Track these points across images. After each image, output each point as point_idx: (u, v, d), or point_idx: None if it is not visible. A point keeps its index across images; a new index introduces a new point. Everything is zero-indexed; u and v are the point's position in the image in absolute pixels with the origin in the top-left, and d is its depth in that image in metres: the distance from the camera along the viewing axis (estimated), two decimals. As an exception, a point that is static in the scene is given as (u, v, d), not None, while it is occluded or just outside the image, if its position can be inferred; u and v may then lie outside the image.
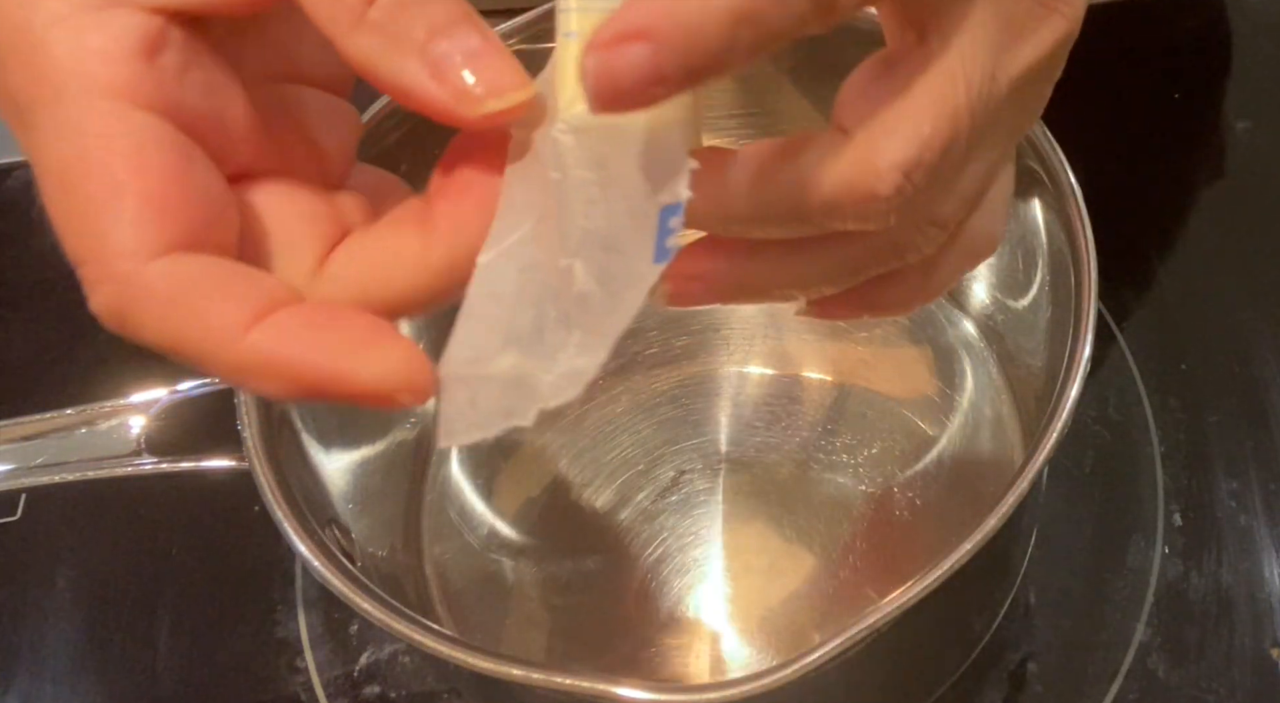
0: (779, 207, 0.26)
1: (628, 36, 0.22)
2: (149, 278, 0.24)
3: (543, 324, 0.25)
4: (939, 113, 0.25)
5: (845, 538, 0.48)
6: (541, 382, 0.25)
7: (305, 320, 0.24)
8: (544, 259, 0.25)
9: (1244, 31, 0.63)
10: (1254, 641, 0.47)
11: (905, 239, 0.28)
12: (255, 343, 0.24)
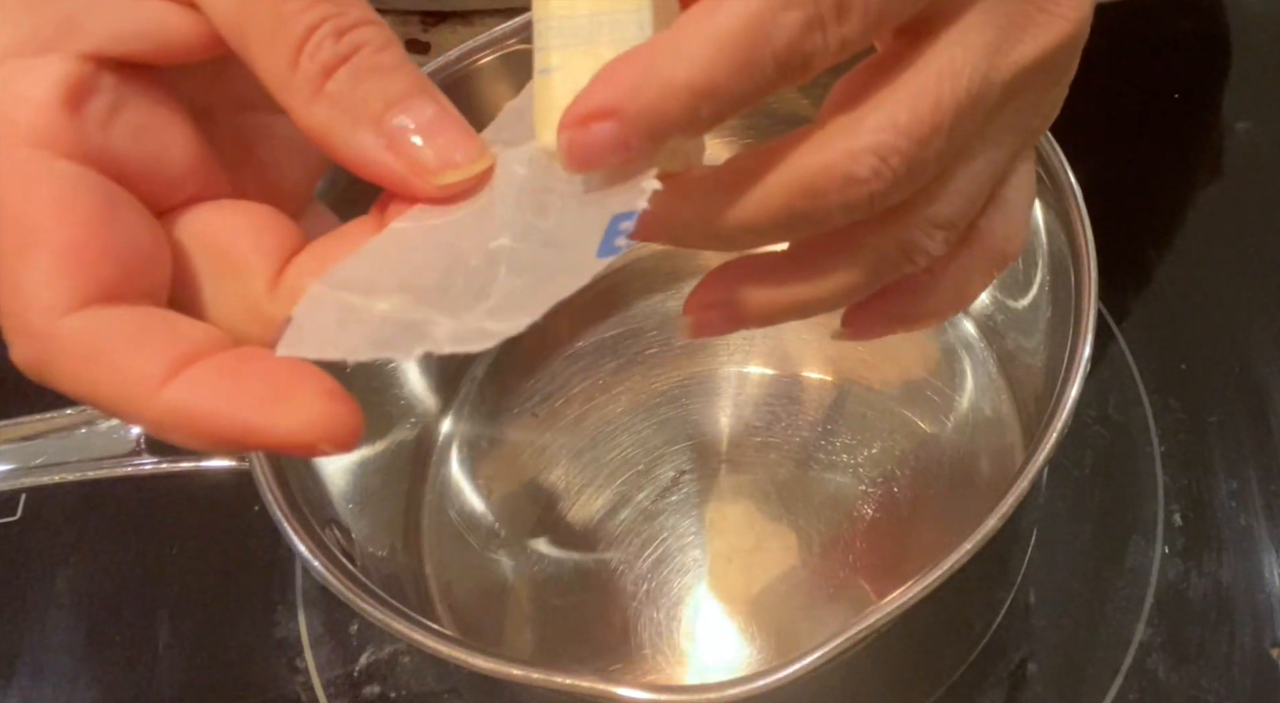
0: (766, 203, 0.26)
1: (595, 116, 0.23)
2: (63, 334, 0.24)
3: (448, 285, 0.25)
4: (917, 104, 0.25)
5: (845, 538, 0.48)
6: (437, 327, 0.25)
7: (222, 372, 0.24)
8: (463, 242, 0.26)
9: (1244, 31, 0.63)
10: (1254, 641, 0.46)
11: (910, 241, 0.28)
12: (169, 399, 0.24)
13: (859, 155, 0.25)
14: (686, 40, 0.23)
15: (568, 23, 0.25)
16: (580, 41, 0.25)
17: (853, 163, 0.25)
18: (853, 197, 0.25)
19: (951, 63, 0.25)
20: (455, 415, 0.54)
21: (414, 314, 0.25)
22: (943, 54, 0.25)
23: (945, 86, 0.25)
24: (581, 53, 0.25)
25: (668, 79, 0.23)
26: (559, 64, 0.25)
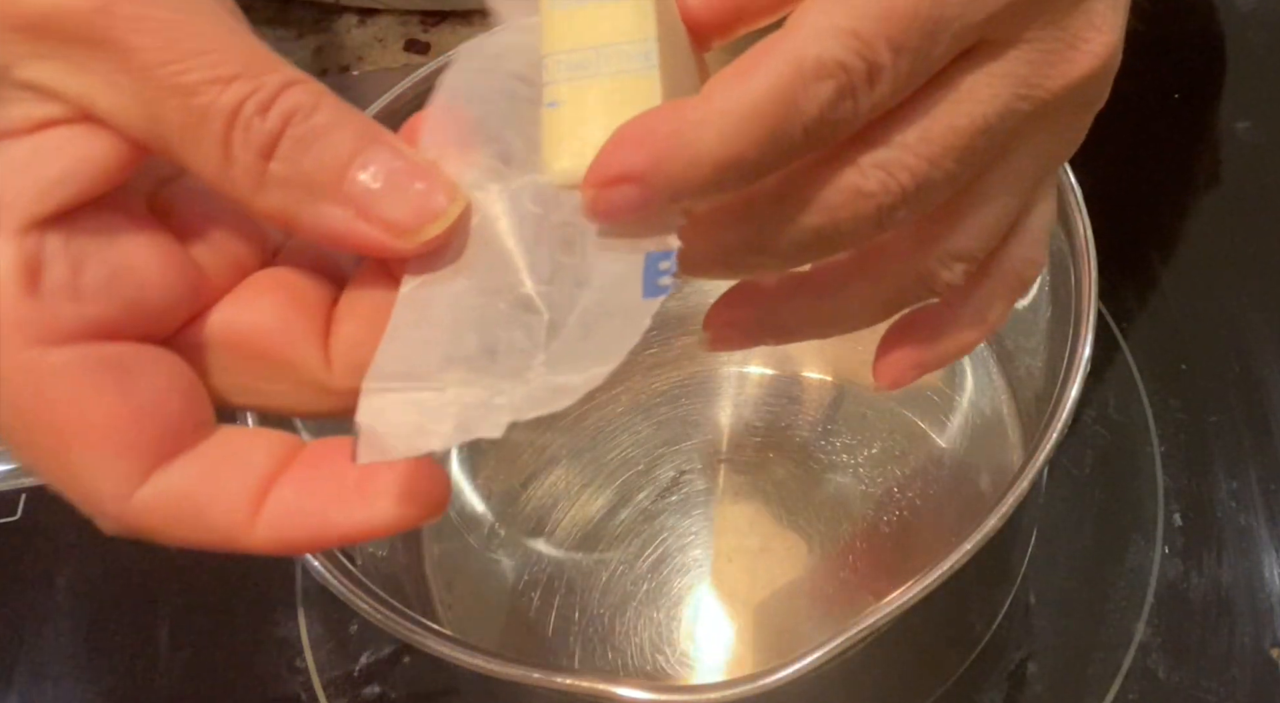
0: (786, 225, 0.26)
1: (620, 180, 0.23)
2: (141, 510, 0.24)
3: (492, 345, 0.25)
4: (930, 125, 0.25)
5: (845, 538, 0.48)
6: (510, 395, 0.25)
7: (302, 488, 0.25)
8: (487, 295, 0.25)
9: (1244, 32, 0.63)
10: (1254, 641, 0.47)
11: (929, 271, 0.28)
12: (264, 535, 0.25)
13: (866, 169, 0.25)
14: (715, 111, 0.23)
15: (575, 56, 0.25)
16: (587, 74, 0.25)
17: (859, 176, 0.25)
18: (861, 210, 0.25)
19: (972, 92, 0.25)
20: (455, 415, 0.54)
21: (478, 389, 0.25)
22: (966, 82, 0.25)
23: (962, 112, 0.25)
24: (589, 86, 0.25)
25: (695, 152, 0.23)
26: (567, 97, 0.25)
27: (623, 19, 0.25)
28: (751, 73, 0.23)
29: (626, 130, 0.23)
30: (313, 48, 0.61)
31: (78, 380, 0.23)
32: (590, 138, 0.24)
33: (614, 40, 0.25)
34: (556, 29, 0.25)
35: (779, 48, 0.23)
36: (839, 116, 0.24)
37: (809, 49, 0.23)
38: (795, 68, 0.23)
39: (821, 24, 0.23)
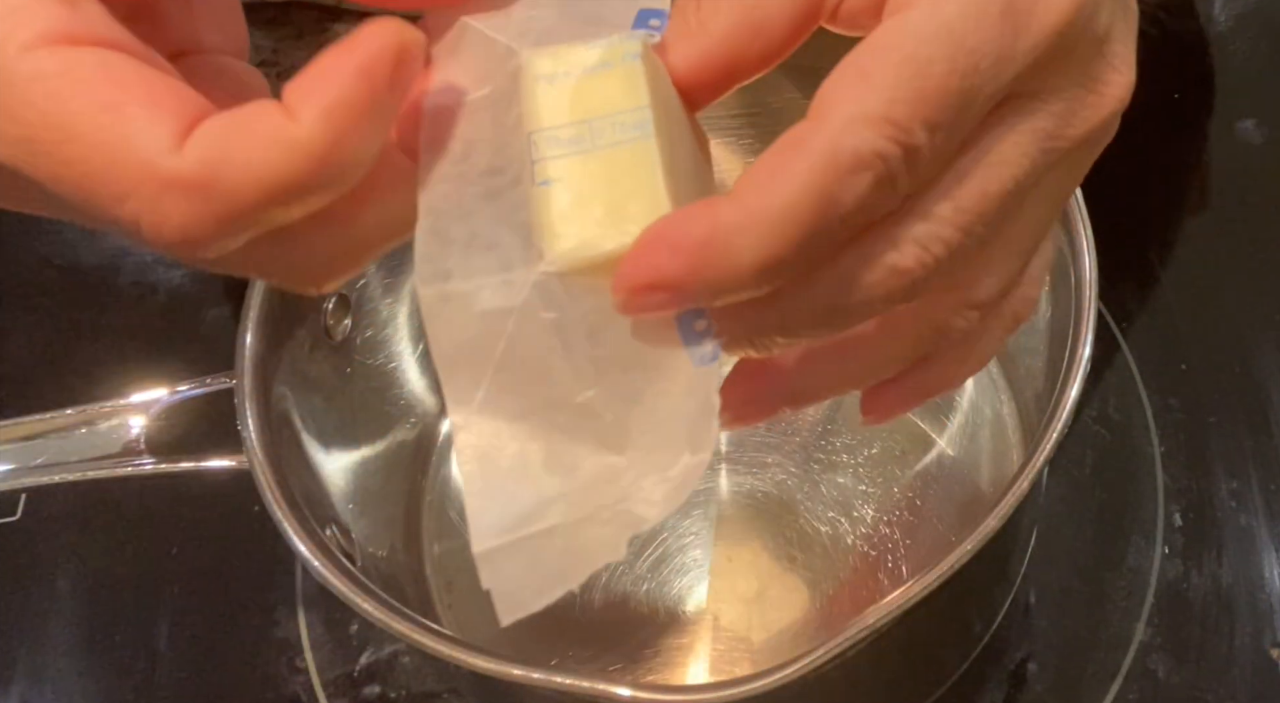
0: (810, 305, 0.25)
1: (654, 287, 0.23)
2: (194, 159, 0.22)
3: (574, 464, 0.25)
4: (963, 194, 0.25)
5: (845, 538, 0.48)
6: (633, 505, 0.25)
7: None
8: (536, 414, 0.25)
9: (1243, 31, 0.63)
10: (1254, 641, 0.47)
11: (946, 323, 0.27)
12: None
13: (902, 246, 0.24)
14: (751, 214, 0.22)
15: (566, 131, 0.24)
16: (580, 149, 0.24)
17: (895, 254, 0.24)
18: (894, 286, 0.25)
19: (1001, 154, 0.25)
20: (455, 415, 0.54)
21: (582, 518, 0.25)
22: (994, 144, 0.25)
23: (993, 176, 0.25)
24: (584, 161, 0.24)
25: (732, 259, 0.22)
26: (562, 174, 0.24)
27: (613, 89, 0.24)
28: (785, 172, 0.22)
29: (658, 233, 0.23)
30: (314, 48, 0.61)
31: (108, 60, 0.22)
32: (592, 216, 0.24)
33: (606, 112, 0.24)
34: (543, 103, 0.24)
35: (812, 143, 0.23)
36: (877, 204, 0.23)
37: (844, 142, 0.22)
38: (831, 164, 0.22)
39: (853, 112, 0.22)
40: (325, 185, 0.22)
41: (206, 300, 0.60)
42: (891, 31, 0.23)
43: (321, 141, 0.21)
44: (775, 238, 0.22)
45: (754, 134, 0.54)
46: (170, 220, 0.22)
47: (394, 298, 0.51)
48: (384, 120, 0.22)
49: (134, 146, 0.22)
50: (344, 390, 0.48)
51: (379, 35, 0.22)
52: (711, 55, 0.25)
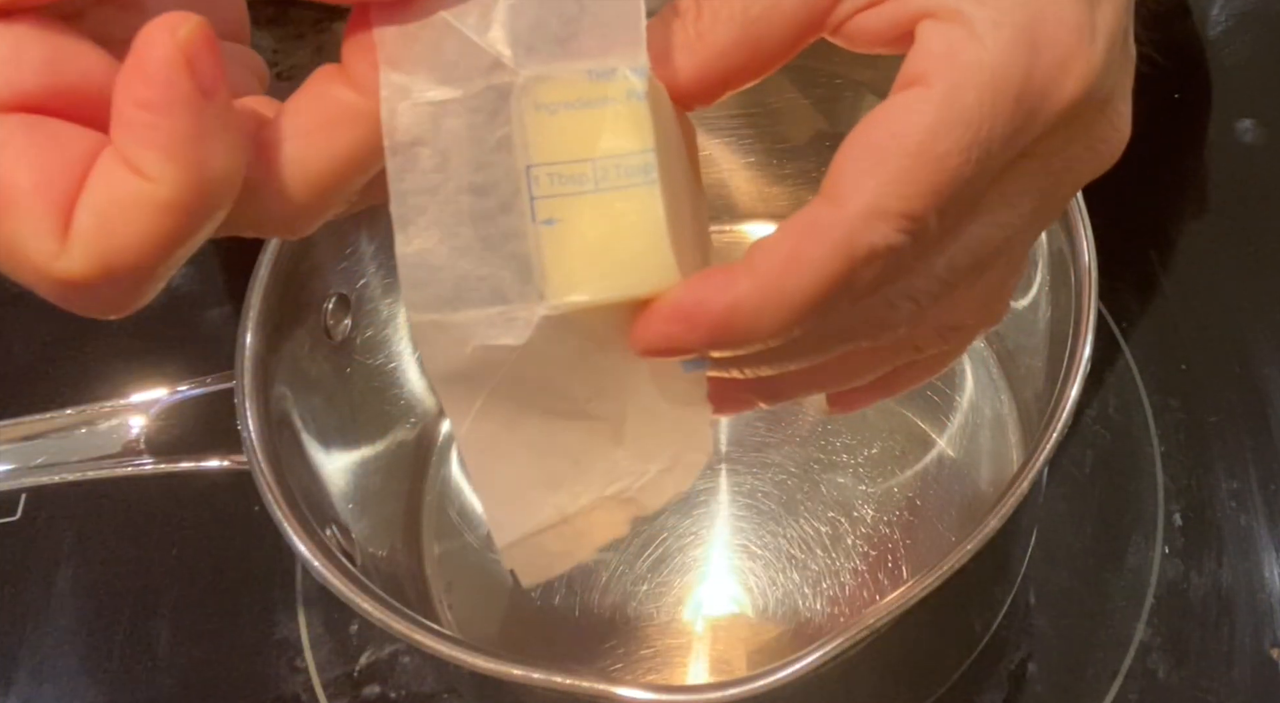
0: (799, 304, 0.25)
1: (671, 351, 0.24)
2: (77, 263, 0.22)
3: (578, 458, 0.26)
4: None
5: (845, 538, 0.48)
6: (623, 501, 0.26)
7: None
8: (528, 411, 0.26)
9: (1243, 31, 0.63)
10: (1254, 641, 0.46)
11: (923, 344, 0.28)
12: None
13: (895, 301, 0.26)
14: (770, 297, 0.23)
15: (567, 168, 0.24)
16: (582, 189, 0.24)
17: (887, 308, 0.26)
18: (882, 332, 0.26)
19: (997, 216, 0.25)
20: (455, 415, 0.54)
21: (590, 505, 0.26)
22: (992, 209, 0.25)
23: (987, 236, 0.26)
24: (585, 202, 0.24)
25: (745, 336, 0.24)
26: (562, 215, 0.24)
27: (617, 128, 0.24)
28: (804, 260, 0.23)
29: (676, 303, 0.24)
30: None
31: (12, 143, 0.22)
32: (595, 262, 0.24)
33: (610, 152, 0.24)
34: (544, 136, 0.23)
35: (830, 232, 0.23)
36: (887, 281, 0.25)
37: (862, 237, 0.23)
38: (848, 256, 0.23)
39: (870, 205, 0.23)
40: (212, 209, 0.22)
41: (206, 300, 0.60)
42: (907, 114, 0.23)
43: (182, 187, 0.21)
44: (788, 316, 0.24)
45: (753, 134, 0.54)
46: (86, 305, 0.23)
47: (394, 298, 0.51)
48: (224, 121, 0.22)
49: (24, 255, 0.22)
50: (344, 390, 0.48)
51: (158, 44, 0.21)
52: (710, 67, 0.25)
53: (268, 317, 0.43)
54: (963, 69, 0.23)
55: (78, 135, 0.22)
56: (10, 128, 0.22)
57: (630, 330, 0.24)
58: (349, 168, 0.24)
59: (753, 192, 0.57)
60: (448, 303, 0.24)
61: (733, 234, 0.57)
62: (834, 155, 0.24)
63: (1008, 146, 0.24)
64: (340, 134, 0.24)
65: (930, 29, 0.24)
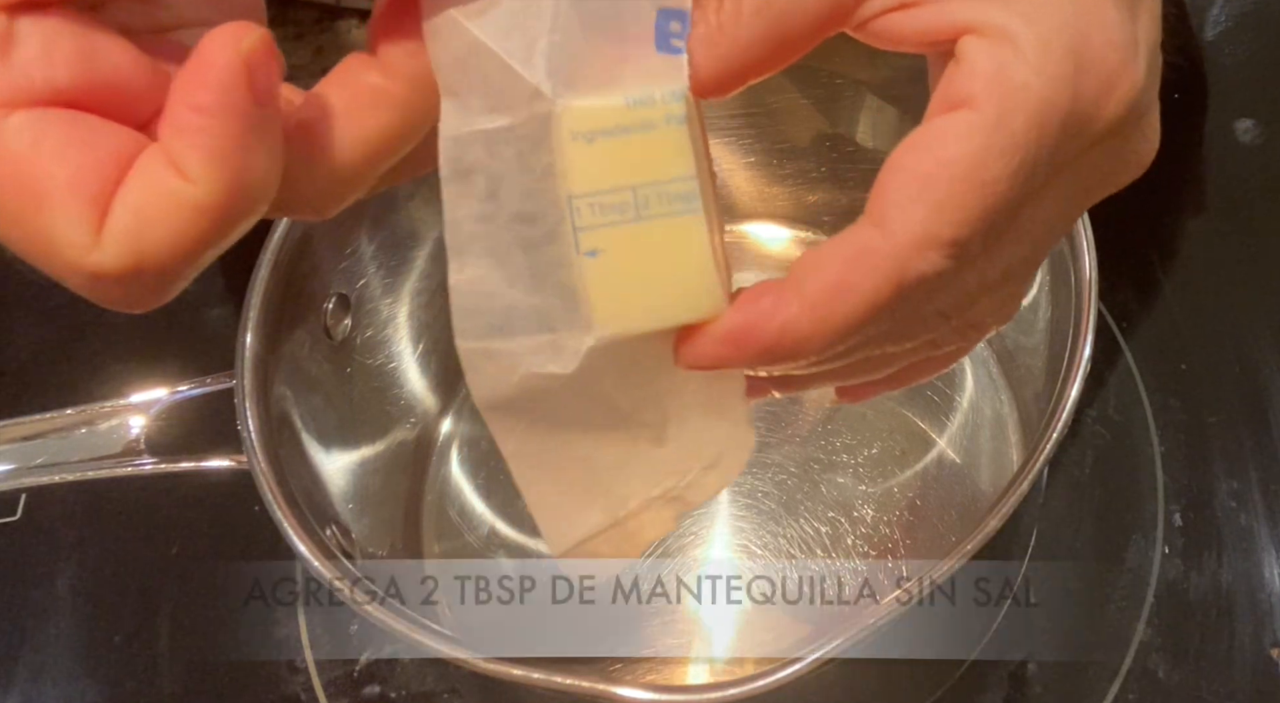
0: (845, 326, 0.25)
1: (719, 366, 0.25)
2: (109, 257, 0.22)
3: (623, 463, 0.27)
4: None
5: (845, 538, 0.48)
6: (668, 498, 0.28)
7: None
8: (576, 429, 0.26)
9: (1243, 31, 0.63)
10: (1254, 641, 0.46)
11: (941, 341, 0.28)
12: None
13: (928, 318, 0.26)
14: (816, 327, 0.24)
15: (609, 198, 0.24)
16: (625, 218, 0.24)
17: (921, 325, 0.26)
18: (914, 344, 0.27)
19: (1030, 230, 0.25)
20: (455, 415, 0.54)
21: (642, 506, 0.27)
22: (1026, 224, 0.25)
23: (1019, 249, 0.26)
24: (629, 232, 0.24)
25: (796, 351, 0.24)
26: (605, 245, 0.24)
27: (658, 154, 0.24)
28: (854, 288, 0.24)
29: (728, 328, 0.24)
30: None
31: (50, 137, 0.22)
32: (641, 292, 0.24)
33: (651, 179, 0.24)
34: (584, 165, 0.23)
35: (882, 262, 0.23)
36: (926, 301, 0.25)
37: (912, 265, 0.23)
38: (898, 284, 0.24)
39: (922, 235, 0.23)
40: (246, 214, 0.23)
41: (206, 300, 0.60)
42: (955, 140, 0.23)
43: (221, 191, 0.22)
44: (834, 339, 0.24)
45: (754, 134, 0.54)
46: (114, 299, 0.23)
47: (394, 298, 0.51)
48: (270, 132, 0.22)
49: (57, 247, 0.22)
50: (344, 390, 0.48)
51: (221, 51, 0.22)
52: (731, 60, 0.25)
53: (268, 317, 0.43)
54: (1012, 93, 0.23)
55: (113, 132, 0.23)
56: (48, 122, 0.22)
57: (675, 346, 0.25)
58: (378, 150, 0.24)
59: (753, 192, 0.57)
60: (497, 331, 0.24)
61: (733, 234, 0.57)
62: (878, 175, 0.24)
63: (1051, 168, 0.24)
64: (370, 117, 0.24)
65: (976, 47, 0.23)
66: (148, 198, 0.22)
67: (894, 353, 0.28)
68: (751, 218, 0.57)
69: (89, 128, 0.23)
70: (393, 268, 0.50)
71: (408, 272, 0.51)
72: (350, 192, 0.25)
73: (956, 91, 0.23)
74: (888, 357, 0.28)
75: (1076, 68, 0.23)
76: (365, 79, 0.24)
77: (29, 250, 0.23)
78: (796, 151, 0.55)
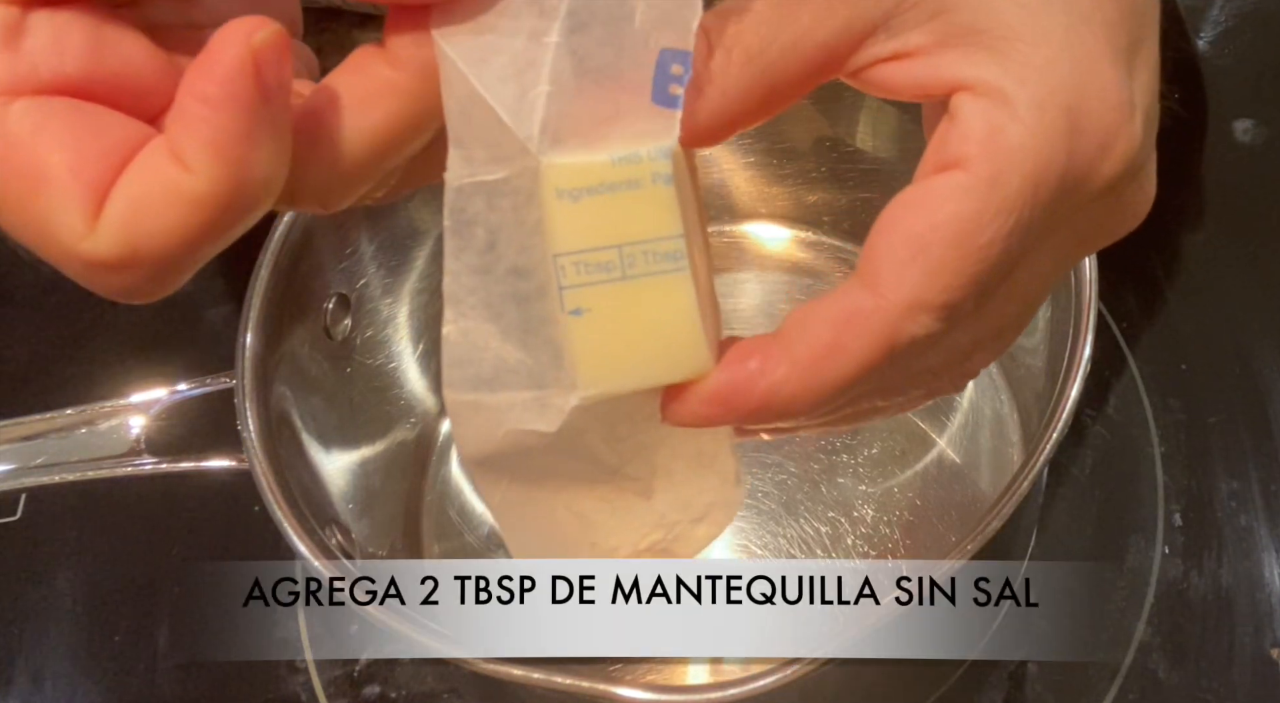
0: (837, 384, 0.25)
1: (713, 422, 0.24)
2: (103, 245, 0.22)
3: (612, 517, 0.27)
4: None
5: (845, 538, 0.48)
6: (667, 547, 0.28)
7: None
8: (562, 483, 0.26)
9: (1242, 32, 0.63)
10: (1254, 641, 0.46)
11: (937, 388, 0.28)
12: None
13: (920, 376, 0.26)
14: (806, 389, 0.24)
15: (594, 256, 0.23)
16: (610, 277, 0.23)
17: (913, 384, 0.26)
18: (911, 385, 0.26)
19: (1026, 284, 0.25)
20: (455, 415, 0.54)
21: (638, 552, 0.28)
22: (1023, 277, 0.25)
23: (1014, 299, 0.25)
24: (614, 291, 0.23)
25: (784, 411, 0.24)
26: (590, 304, 0.23)
27: (644, 213, 0.23)
28: (845, 352, 0.23)
29: (714, 390, 0.24)
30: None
31: (52, 124, 0.22)
32: (626, 352, 0.24)
33: (638, 238, 0.23)
34: (569, 223, 0.23)
35: (873, 326, 0.23)
36: (915, 360, 0.25)
37: (905, 330, 0.23)
38: (889, 347, 0.23)
39: (914, 298, 0.23)
40: (246, 209, 0.22)
41: (206, 300, 0.60)
42: (949, 203, 0.23)
43: (222, 184, 0.22)
44: (822, 399, 0.24)
45: (754, 134, 0.54)
46: (110, 288, 0.23)
47: (394, 298, 0.51)
48: (276, 127, 0.22)
49: (53, 232, 0.22)
50: (344, 390, 0.48)
51: (231, 44, 0.21)
52: (723, 109, 0.24)
53: (268, 317, 0.43)
54: (1006, 156, 0.23)
55: (119, 122, 0.23)
56: (51, 109, 0.22)
57: (662, 404, 0.25)
58: (387, 142, 0.24)
59: (753, 191, 0.57)
60: (486, 384, 0.24)
61: (732, 234, 0.57)
62: (870, 233, 0.24)
63: (1045, 228, 0.24)
64: (379, 108, 0.24)
65: (969, 106, 0.23)
66: (146, 187, 0.22)
67: (883, 406, 0.28)
68: (751, 218, 0.57)
69: (94, 117, 0.23)
70: (393, 268, 0.50)
71: (408, 272, 0.51)
72: (356, 184, 0.24)
73: (950, 152, 0.23)
74: (876, 409, 0.28)
75: (1072, 128, 0.23)
76: (374, 70, 0.24)
77: (26, 235, 0.22)
78: (796, 151, 0.55)
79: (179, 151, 0.22)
